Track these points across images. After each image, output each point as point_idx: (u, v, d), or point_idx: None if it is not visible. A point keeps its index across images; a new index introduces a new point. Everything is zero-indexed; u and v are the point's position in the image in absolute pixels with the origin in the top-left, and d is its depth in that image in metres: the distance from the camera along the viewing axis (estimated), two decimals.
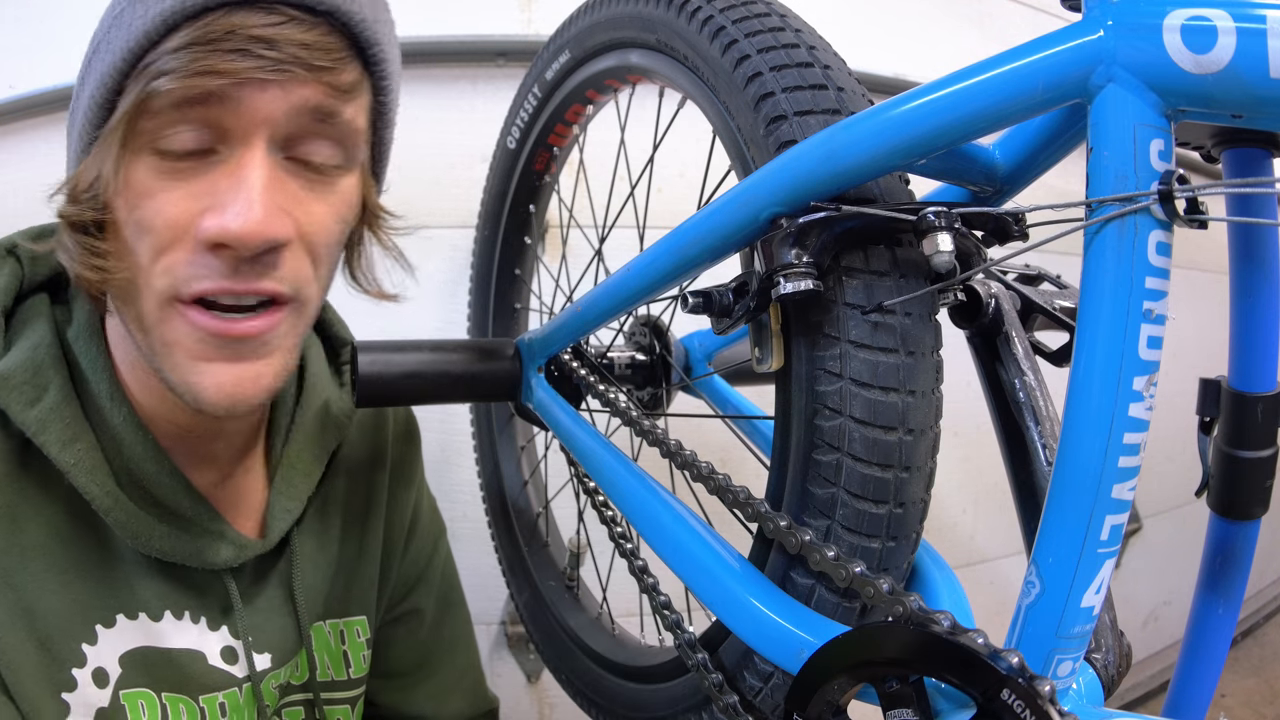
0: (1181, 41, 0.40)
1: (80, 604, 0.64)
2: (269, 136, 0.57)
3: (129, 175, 0.57)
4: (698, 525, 0.63)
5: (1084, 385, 0.45)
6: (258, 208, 0.56)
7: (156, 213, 0.57)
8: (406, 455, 0.91)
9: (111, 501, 0.63)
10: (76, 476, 0.62)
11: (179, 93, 0.54)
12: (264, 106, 0.56)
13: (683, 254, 0.62)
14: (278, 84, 0.56)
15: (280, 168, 0.59)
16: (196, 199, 0.57)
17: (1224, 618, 0.74)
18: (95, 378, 0.66)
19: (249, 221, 0.55)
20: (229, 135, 0.57)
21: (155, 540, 0.65)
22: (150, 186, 0.57)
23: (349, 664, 0.81)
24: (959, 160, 0.58)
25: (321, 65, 0.57)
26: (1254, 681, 2.23)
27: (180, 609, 0.69)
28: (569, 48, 0.88)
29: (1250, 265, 0.67)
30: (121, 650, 0.65)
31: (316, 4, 0.57)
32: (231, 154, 0.57)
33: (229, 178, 0.57)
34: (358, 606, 0.83)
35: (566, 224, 1.16)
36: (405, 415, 0.93)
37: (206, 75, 0.54)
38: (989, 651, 0.43)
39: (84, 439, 0.63)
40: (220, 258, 0.57)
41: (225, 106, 0.55)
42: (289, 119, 0.57)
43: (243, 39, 0.54)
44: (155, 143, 0.56)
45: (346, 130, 0.61)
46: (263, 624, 0.73)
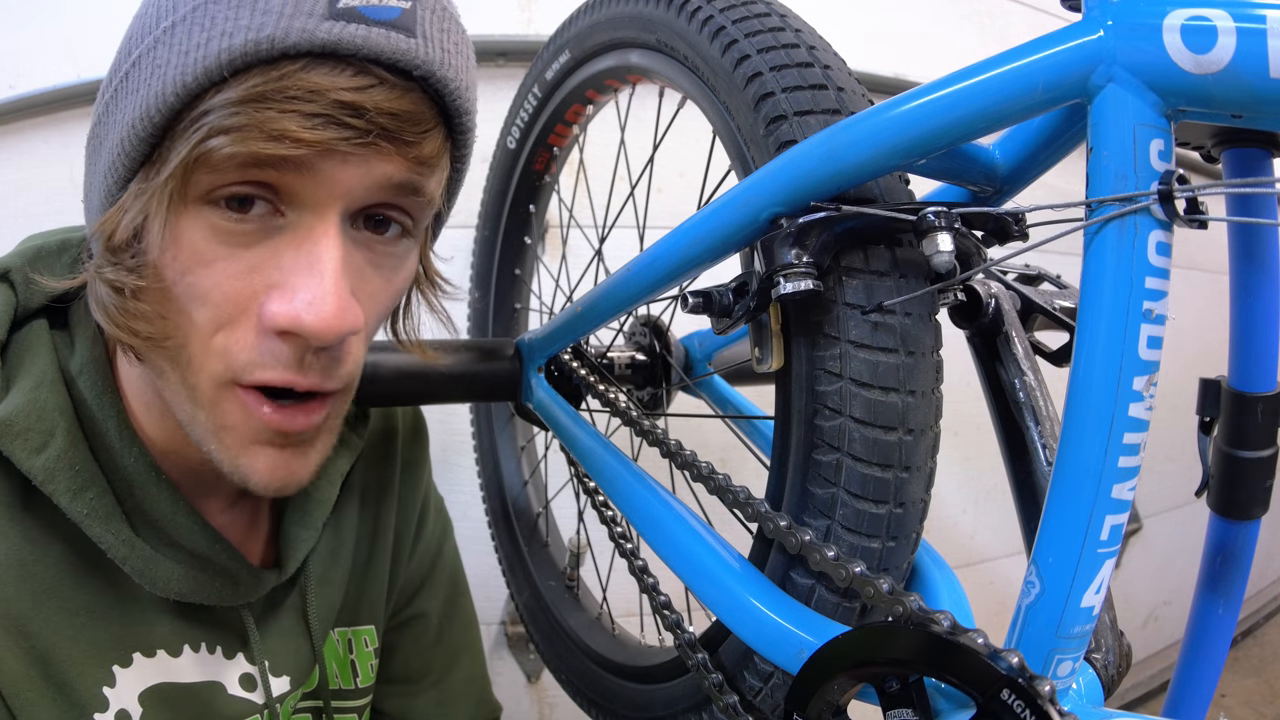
0: (1181, 41, 0.40)
1: (96, 645, 0.61)
2: (343, 209, 0.51)
3: (179, 232, 0.50)
4: (698, 525, 0.63)
5: (1084, 385, 0.45)
6: (332, 298, 0.50)
7: (215, 285, 0.51)
8: (415, 457, 0.89)
9: (128, 550, 0.59)
10: (90, 526, 0.58)
11: (247, 154, 0.47)
12: (344, 180, 0.50)
13: (683, 254, 0.62)
14: (360, 157, 0.49)
15: (350, 240, 0.53)
16: (260, 273, 0.51)
17: (1224, 618, 0.74)
18: (103, 416, 0.60)
19: (322, 315, 0.49)
20: (298, 200, 0.50)
21: (174, 584, 0.62)
22: (206, 251, 0.50)
23: (356, 673, 0.80)
24: (959, 160, 0.58)
25: (409, 140, 0.50)
26: (1254, 681, 2.23)
27: (197, 642, 0.66)
28: (569, 48, 0.88)
29: (1250, 265, 0.67)
30: (140, 689, 0.62)
31: (412, 67, 0.49)
32: (300, 221, 0.51)
33: (296, 251, 0.51)
34: (367, 615, 0.81)
35: (566, 224, 1.16)
36: (413, 415, 0.90)
37: (282, 140, 0.47)
38: (989, 651, 0.43)
39: (95, 485, 0.59)
40: (288, 344, 0.52)
41: (299, 174, 0.49)
42: (369, 193, 0.52)
43: (327, 103, 0.47)
44: (210, 195, 0.50)
45: (424, 203, 0.55)
46: (278, 648, 0.71)
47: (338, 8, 0.47)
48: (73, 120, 1.37)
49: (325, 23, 0.47)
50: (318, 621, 0.74)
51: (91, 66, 1.34)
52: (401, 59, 0.49)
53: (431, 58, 0.50)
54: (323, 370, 0.54)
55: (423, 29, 0.50)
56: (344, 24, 0.47)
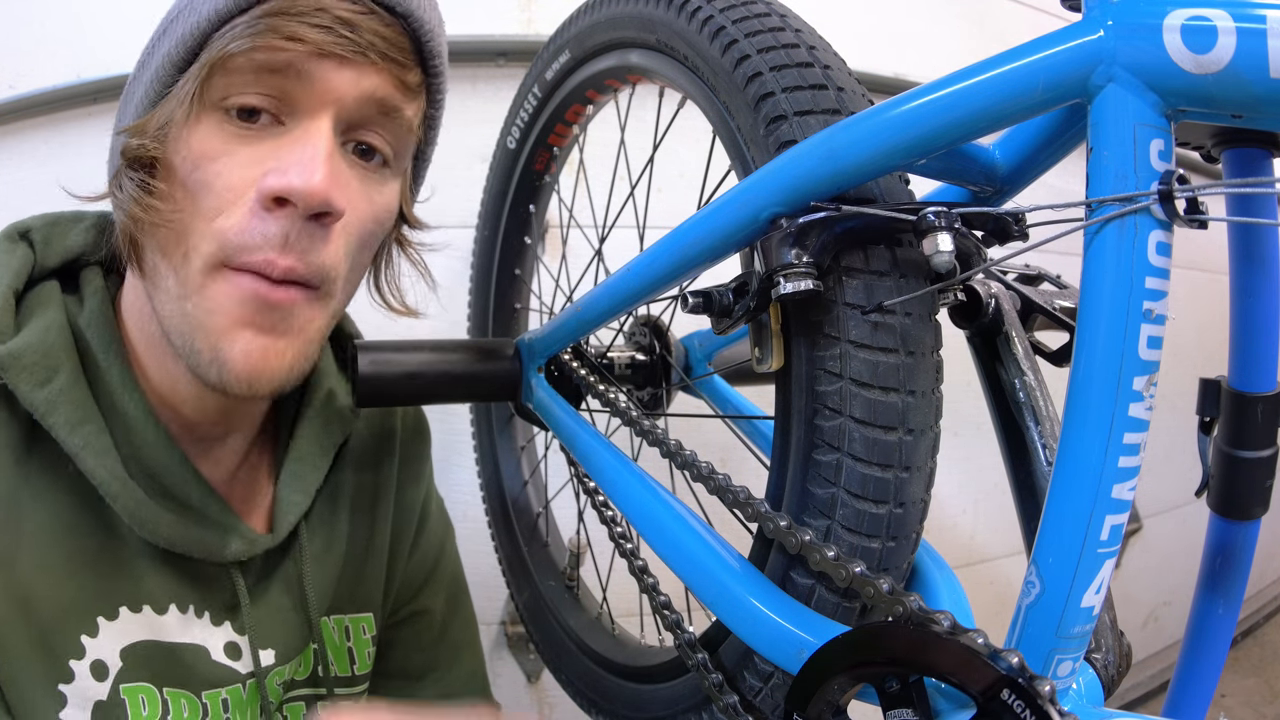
0: (1181, 41, 0.40)
1: (83, 594, 0.63)
2: (335, 115, 0.60)
3: (195, 131, 0.59)
4: (698, 525, 0.63)
5: (1084, 385, 0.45)
6: (321, 165, 0.58)
7: (218, 174, 0.59)
8: (416, 452, 0.91)
9: (119, 486, 0.62)
10: (84, 459, 0.61)
11: (259, 54, 0.57)
12: (337, 84, 0.59)
13: (683, 254, 0.62)
14: (353, 65, 0.59)
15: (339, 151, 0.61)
16: (260, 164, 0.59)
17: (1224, 618, 0.74)
18: (107, 364, 0.65)
19: (311, 180, 0.58)
20: (297, 107, 0.59)
21: (163, 529, 0.64)
22: (215, 147, 0.59)
23: (354, 660, 0.81)
24: (959, 160, 0.58)
25: (394, 59, 0.60)
26: (1254, 681, 2.23)
27: (185, 603, 0.68)
28: (569, 48, 0.88)
29: (1250, 265, 0.67)
30: (123, 643, 0.65)
31: (395, 4, 0.60)
32: (297, 125, 0.60)
33: (293, 144, 0.59)
34: (364, 603, 0.83)
35: (566, 224, 1.16)
36: (415, 412, 0.92)
37: (290, 40, 0.56)
38: (989, 651, 0.43)
39: (93, 422, 0.63)
40: (276, 220, 0.59)
41: (300, 80, 0.58)
42: (357, 104, 0.60)
43: (330, 17, 0.57)
44: (225, 101, 0.59)
45: (404, 128, 0.64)
46: (267, 620, 0.72)
47: None
48: (73, 120, 1.37)
49: None
50: (315, 596, 0.75)
51: (91, 66, 1.33)
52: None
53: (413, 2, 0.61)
54: (302, 251, 0.60)
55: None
56: None
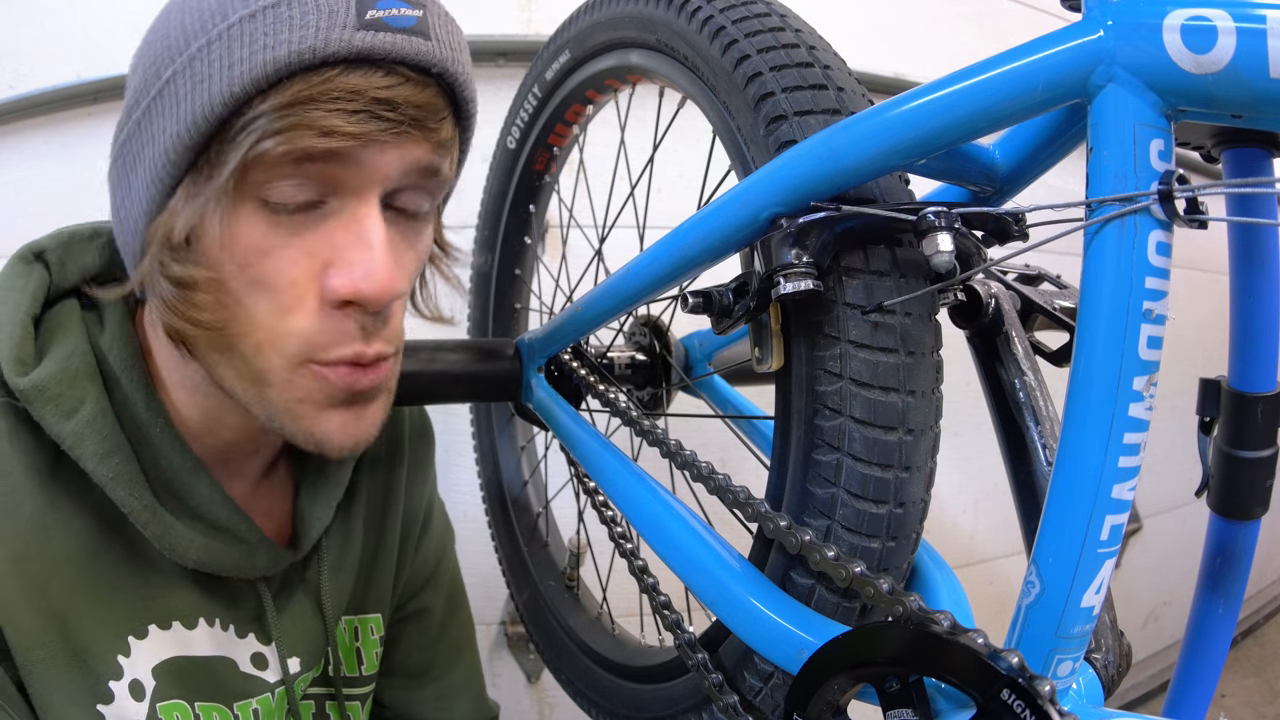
0: (1181, 41, 0.40)
1: (114, 614, 0.63)
2: (381, 192, 0.58)
3: (235, 229, 0.56)
4: (698, 525, 0.63)
5: (1084, 385, 0.45)
6: (385, 265, 0.56)
7: (277, 272, 0.56)
8: (422, 453, 0.91)
9: (149, 515, 0.62)
10: (115, 490, 0.61)
11: (302, 150, 0.53)
12: (383, 165, 0.56)
13: (683, 254, 0.62)
14: (395, 144, 0.56)
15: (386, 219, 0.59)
16: (316, 255, 0.57)
17: (1224, 618, 0.74)
18: (131, 388, 0.64)
19: (379, 280, 0.56)
20: (342, 188, 0.57)
21: (193, 551, 0.64)
22: (263, 243, 0.56)
23: (361, 660, 0.82)
24: (959, 160, 0.58)
25: (432, 126, 0.58)
26: (1254, 681, 2.23)
27: (212, 617, 0.68)
28: (569, 48, 0.88)
29: (1250, 265, 0.67)
30: (155, 661, 0.65)
31: (430, 66, 0.57)
32: (344, 206, 0.57)
33: (346, 232, 0.57)
34: (374, 603, 0.83)
35: (566, 224, 1.16)
36: (420, 415, 0.92)
37: (332, 135, 0.53)
38: (989, 651, 0.43)
39: (121, 451, 0.62)
40: (349, 316, 0.58)
41: (345, 165, 0.55)
42: (403, 176, 0.58)
43: (367, 100, 0.54)
44: (262, 193, 0.55)
45: (442, 181, 0.62)
46: (290, 629, 0.73)
47: (366, 19, 0.54)
48: (73, 120, 1.37)
49: (359, 33, 0.54)
50: (331, 605, 0.76)
51: (91, 66, 1.33)
52: (422, 60, 0.56)
53: (445, 57, 0.58)
54: (378, 334, 0.60)
55: (435, 33, 0.57)
56: (374, 33, 0.54)
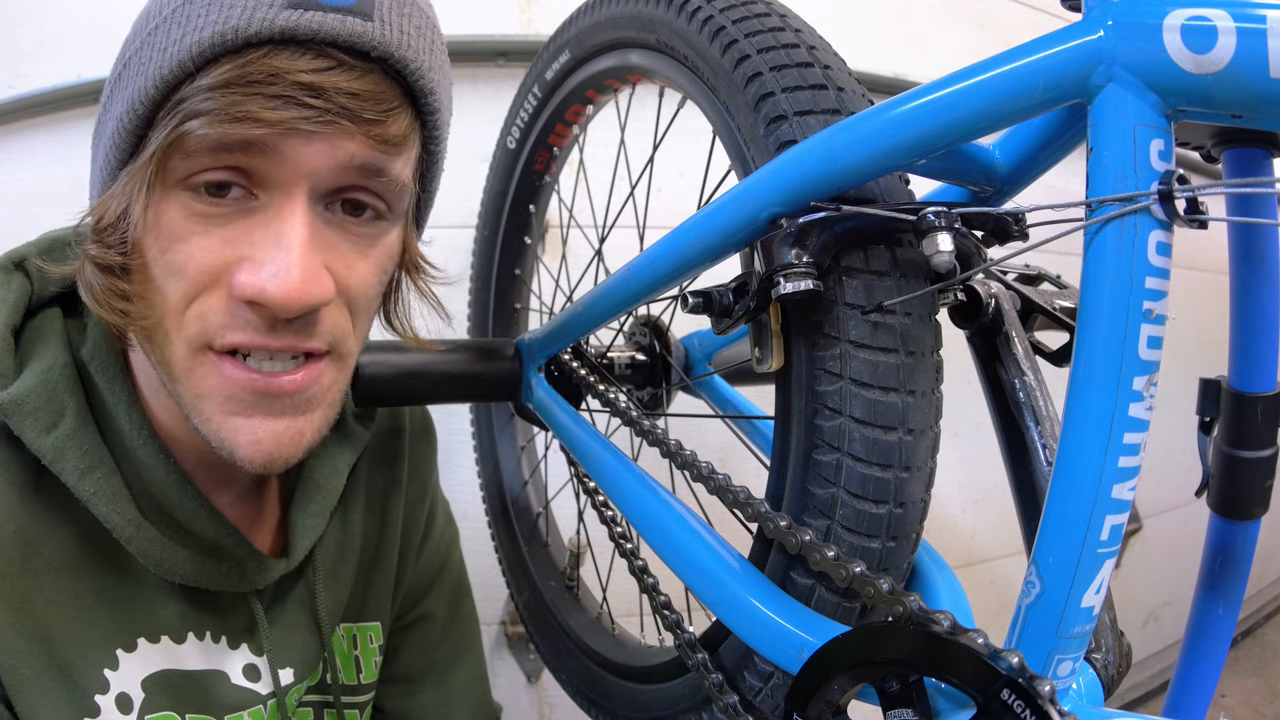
0: (1181, 41, 0.40)
1: (100, 629, 0.62)
2: (310, 189, 0.54)
3: (159, 214, 0.53)
4: (698, 525, 0.63)
5: (1084, 385, 0.45)
6: (296, 270, 0.52)
7: (189, 258, 0.53)
8: (423, 457, 0.89)
9: (133, 530, 0.60)
10: (97, 505, 0.59)
11: (215, 137, 0.50)
12: (307, 159, 0.52)
13: (683, 254, 0.62)
14: (323, 136, 0.51)
15: (321, 219, 0.55)
16: (232, 246, 0.53)
17: (1224, 618, 0.74)
18: (113, 399, 0.62)
19: (287, 284, 0.52)
20: (268, 182, 0.53)
21: (179, 566, 0.63)
22: (182, 229, 0.53)
23: (360, 669, 0.80)
24: (959, 160, 0.58)
25: (370, 118, 0.52)
26: (1254, 681, 2.23)
27: (203, 630, 0.67)
28: (569, 48, 0.88)
29: (1250, 265, 0.67)
30: (144, 674, 0.63)
31: (369, 49, 0.51)
32: (270, 201, 0.53)
33: (266, 228, 0.53)
34: (373, 611, 0.82)
35: (566, 224, 1.16)
36: (422, 416, 0.91)
37: (246, 122, 0.49)
38: (989, 651, 0.43)
39: (103, 466, 0.60)
40: (257, 313, 0.54)
41: (266, 155, 0.51)
42: (333, 173, 0.54)
43: (288, 85, 0.49)
44: (188, 180, 0.53)
45: (392, 185, 0.57)
46: (283, 640, 0.71)
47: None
48: (73, 120, 1.37)
49: (285, 11, 0.50)
50: (326, 615, 0.74)
51: (91, 66, 1.33)
52: (358, 41, 0.51)
53: (389, 39, 0.52)
54: (295, 334, 0.56)
55: (380, 13, 0.52)
56: (301, 11, 0.50)
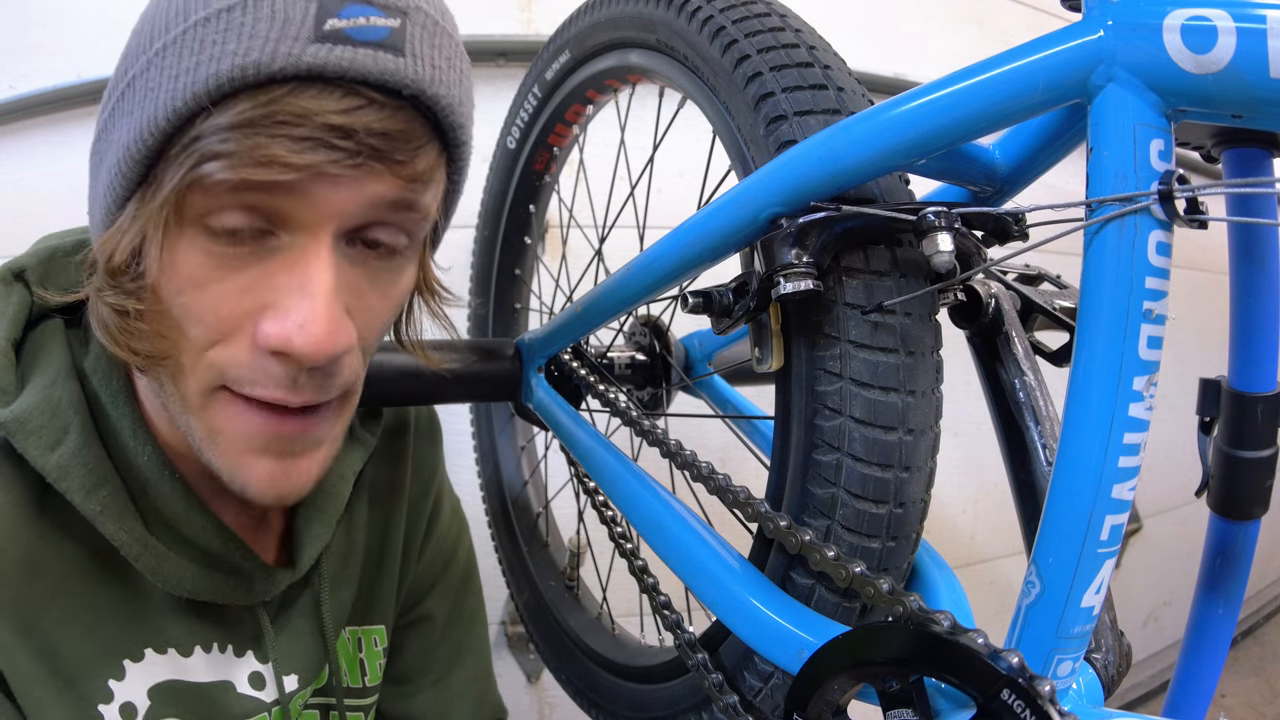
0: (1181, 41, 0.40)
1: (106, 642, 0.61)
2: (336, 230, 0.51)
3: (175, 255, 0.51)
4: (698, 525, 0.63)
5: (1084, 385, 0.45)
6: (323, 320, 0.50)
7: (209, 307, 0.51)
8: (428, 458, 0.88)
9: (141, 547, 0.59)
10: (103, 523, 0.58)
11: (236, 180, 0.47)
12: (335, 203, 0.49)
13: (683, 254, 0.62)
14: (351, 179, 0.49)
15: (345, 259, 0.53)
16: (253, 294, 0.51)
17: (1224, 618, 0.74)
18: (117, 414, 0.61)
19: (314, 336, 0.50)
20: (291, 222, 0.50)
21: (187, 582, 0.62)
22: (200, 275, 0.51)
23: (365, 672, 0.80)
24: (959, 160, 0.58)
25: (400, 159, 0.50)
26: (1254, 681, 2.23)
27: (209, 642, 0.66)
28: (569, 48, 0.88)
29: (1250, 265, 0.67)
30: (150, 684, 0.63)
31: (401, 87, 0.49)
32: (293, 243, 0.51)
33: (289, 273, 0.51)
34: (378, 615, 0.81)
35: (566, 224, 1.16)
36: (428, 416, 0.89)
37: (271, 166, 0.47)
38: (989, 651, 0.43)
39: (109, 483, 0.59)
40: (281, 363, 0.52)
41: (291, 197, 0.49)
42: (360, 213, 0.51)
43: (315, 126, 0.47)
44: (204, 220, 0.50)
45: (419, 218, 0.55)
46: (288, 647, 0.71)
47: (324, 30, 0.46)
48: (73, 120, 1.37)
49: (311, 46, 0.46)
50: (331, 621, 0.74)
51: (91, 66, 1.33)
52: (390, 79, 0.48)
53: (421, 76, 0.49)
54: (317, 388, 0.54)
55: (412, 47, 0.49)
56: (330, 46, 0.46)
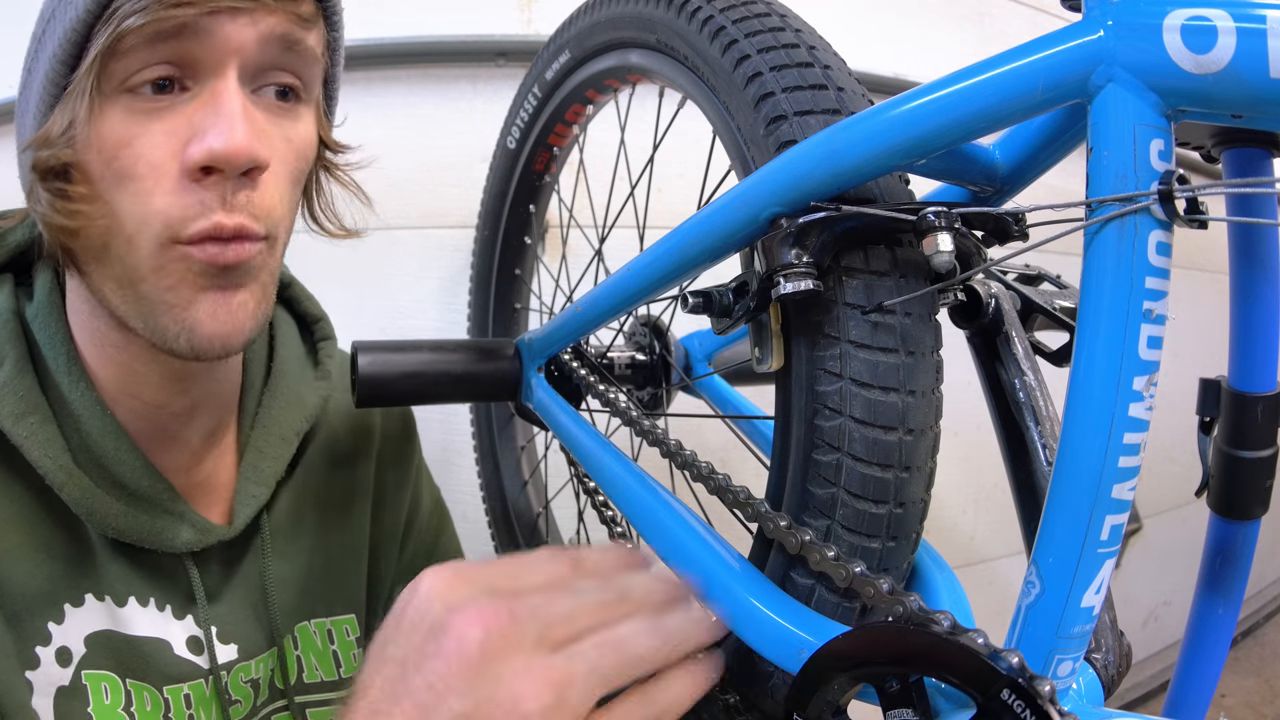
0: (1181, 41, 0.40)
1: (50, 582, 0.63)
2: (239, 66, 0.59)
3: (102, 124, 0.57)
4: (698, 525, 0.63)
5: (1084, 385, 0.45)
6: (239, 127, 0.57)
7: (137, 157, 0.57)
8: (400, 451, 0.90)
9: (65, 476, 0.63)
10: (30, 450, 0.62)
11: (151, 27, 0.55)
12: (235, 35, 0.58)
13: (683, 254, 0.62)
14: (246, 13, 0.58)
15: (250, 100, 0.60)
16: (175, 135, 0.58)
17: (1224, 618, 0.74)
18: (53, 354, 0.66)
19: (232, 139, 0.57)
20: (200, 68, 0.58)
21: (111, 519, 0.64)
22: (126, 133, 0.57)
23: (339, 663, 0.80)
24: (959, 160, 0.58)
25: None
26: (1254, 681, 2.23)
27: (145, 595, 0.68)
28: (569, 48, 0.88)
29: (1250, 265, 0.67)
30: (87, 631, 0.64)
31: None
32: (204, 88, 0.58)
33: (204, 108, 0.58)
34: (345, 604, 0.82)
35: (566, 224, 1.16)
36: (401, 414, 0.92)
37: (179, 6, 0.55)
38: (989, 651, 0.43)
39: (38, 412, 0.63)
40: (208, 188, 0.58)
41: (197, 38, 0.57)
42: (258, 48, 0.59)
43: None
44: (127, 82, 0.57)
45: (309, 58, 0.63)
46: (229, 614, 0.72)
47: None
48: None
49: None
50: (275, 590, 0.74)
51: None
52: None
53: None
54: (242, 206, 0.60)
55: None
56: None
